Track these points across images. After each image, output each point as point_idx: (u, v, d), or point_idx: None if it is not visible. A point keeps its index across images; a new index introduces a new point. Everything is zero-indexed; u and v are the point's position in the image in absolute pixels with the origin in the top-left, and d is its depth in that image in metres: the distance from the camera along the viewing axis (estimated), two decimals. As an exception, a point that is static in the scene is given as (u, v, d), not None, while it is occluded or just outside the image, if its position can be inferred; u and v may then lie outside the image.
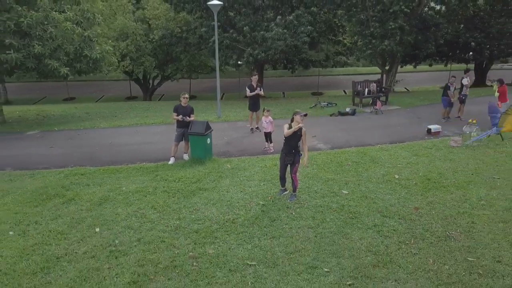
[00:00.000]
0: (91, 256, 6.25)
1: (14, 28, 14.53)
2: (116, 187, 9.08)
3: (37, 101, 35.58)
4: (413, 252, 6.15)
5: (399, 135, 13.63)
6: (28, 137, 15.00)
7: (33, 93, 37.94)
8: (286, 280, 5.52)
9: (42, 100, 36.27)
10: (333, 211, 7.56)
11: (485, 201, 7.90)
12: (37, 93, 38.28)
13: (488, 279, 5.47)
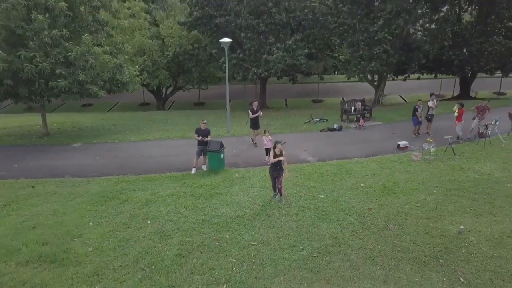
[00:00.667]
0: (148, 239, 9.44)
1: (62, 60, 17.78)
2: (155, 191, 12.28)
3: (57, 108, 38.88)
4: (360, 238, 9.28)
5: (374, 149, 16.74)
6: (73, 149, 18.28)
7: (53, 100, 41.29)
8: (275, 253, 8.67)
9: (62, 106, 39.53)
10: (311, 210, 10.70)
11: (420, 204, 11.01)
12: (55, 100, 41.64)
13: (403, 254, 8.58)
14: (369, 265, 8.23)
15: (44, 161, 16.51)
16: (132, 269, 8.23)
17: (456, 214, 10.32)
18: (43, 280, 7.92)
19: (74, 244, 9.25)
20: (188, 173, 14.07)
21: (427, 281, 7.65)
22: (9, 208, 11.56)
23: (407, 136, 18.35)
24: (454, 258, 8.35)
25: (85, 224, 10.24)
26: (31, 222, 10.42)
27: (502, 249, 8.66)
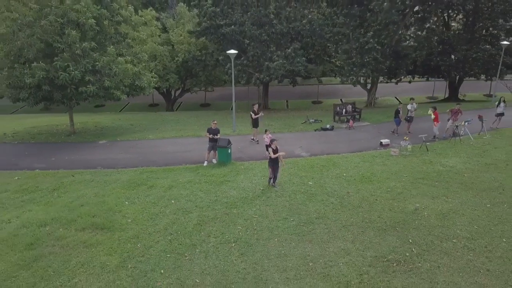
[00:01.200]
0: (173, 213, 12.03)
1: (91, 68, 20.39)
2: (175, 179, 14.87)
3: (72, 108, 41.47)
4: (337, 213, 11.82)
5: (359, 146, 19.28)
6: (100, 145, 20.92)
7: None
8: (271, 223, 11.22)
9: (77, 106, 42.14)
10: (301, 193, 13.25)
11: (389, 189, 13.53)
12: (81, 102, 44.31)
13: (370, 224, 11.11)
14: (342, 231, 10.77)
15: (76, 156, 19.15)
16: (163, 234, 10.82)
17: (417, 197, 12.84)
18: (97, 241, 10.53)
19: (116, 216, 11.86)
20: (201, 165, 16.66)
21: (384, 242, 10.19)
22: (58, 191, 14.18)
23: (390, 135, 20.90)
24: (407, 227, 10.89)
25: (122, 203, 12.84)
26: (79, 202, 13.04)
27: (446, 221, 11.18)
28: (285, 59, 28.00)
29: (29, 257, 9.85)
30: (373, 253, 9.69)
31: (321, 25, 29.25)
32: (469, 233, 10.55)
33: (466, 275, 8.79)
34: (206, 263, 9.44)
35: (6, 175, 16.54)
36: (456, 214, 11.64)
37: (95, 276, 9.06)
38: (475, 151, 17.78)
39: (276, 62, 27.28)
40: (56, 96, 20.54)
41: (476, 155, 17.18)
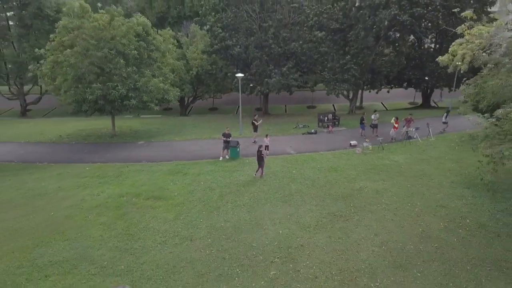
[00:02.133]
0: (203, 190, 18.12)
1: (133, 87, 26.51)
2: (201, 169, 20.98)
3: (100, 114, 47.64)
4: (309, 190, 17.84)
5: (334, 146, 25.33)
6: (140, 145, 27.07)
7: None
8: (266, 195, 17.28)
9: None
10: (287, 178, 19.31)
11: (347, 176, 19.54)
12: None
13: (328, 196, 17.16)
14: (310, 200, 16.82)
15: (124, 153, 25.31)
16: (198, 202, 16.91)
17: (364, 180, 18.87)
18: (158, 205, 16.62)
19: (166, 192, 17.97)
20: (217, 160, 22.77)
21: (335, 205, 16.19)
22: (121, 177, 20.31)
23: (359, 138, 26.94)
24: (352, 198, 16.94)
25: (168, 184, 18.96)
26: (139, 183, 19.17)
27: (378, 195, 17.19)
28: (281, 75, 34.09)
29: (119, 214, 15.98)
30: (327, 211, 15.75)
31: (310, 48, 35.28)
32: (389, 201, 16.58)
33: (379, 222, 14.82)
34: (226, 216, 15.53)
35: (78, 166, 22.73)
36: (386, 191, 17.68)
37: (161, 223, 15.16)
38: (417, 150, 23.81)
39: (274, 79, 33.41)
40: (107, 108, 26.71)
41: (416, 153, 23.21)
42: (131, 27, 26.21)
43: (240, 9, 36.12)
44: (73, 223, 15.33)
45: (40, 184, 19.85)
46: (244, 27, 35.96)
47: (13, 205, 17.39)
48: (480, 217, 14.97)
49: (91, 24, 25.33)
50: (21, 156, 25.72)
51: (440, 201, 16.44)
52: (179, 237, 14.07)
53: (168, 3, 61.40)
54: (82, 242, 13.86)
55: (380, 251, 12.86)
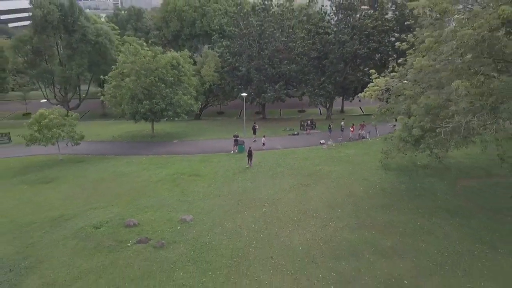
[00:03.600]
0: (223, 171, 28.37)
1: (169, 102, 36.67)
2: (220, 158, 31.22)
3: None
4: (288, 171, 28.02)
5: (309, 144, 35.51)
6: (174, 143, 37.32)
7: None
8: (261, 174, 27.50)
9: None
10: (275, 164, 29.46)
11: (312, 162, 29.73)
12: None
13: (297, 174, 27.42)
14: (288, 176, 26.92)
15: (165, 148, 35.56)
16: (221, 177, 27.07)
17: (323, 165, 29.03)
18: (196, 179, 26.83)
19: (200, 172, 28.16)
20: (229, 153, 33.04)
21: (302, 179, 26.23)
22: (169, 164, 30.53)
23: (327, 138, 37.17)
24: (313, 175, 27.10)
25: (200, 167, 29.21)
26: (182, 168, 29.41)
27: (330, 173, 27.34)
28: (274, 91, 44.34)
29: (175, 184, 26.21)
30: (297, 182, 25.88)
31: (296, 70, 45.44)
32: (335, 177, 26.78)
33: (325, 188, 24.97)
34: (238, 184, 25.73)
35: (137, 157, 33.01)
36: (335, 171, 27.87)
37: (201, 188, 25.34)
38: (364, 146, 34.06)
39: (269, 94, 43.70)
40: (151, 117, 36.93)
41: (363, 149, 33.44)
42: (168, 61, 36.43)
43: (244, 39, 46.21)
44: (149, 189, 25.65)
45: (118, 169, 30.15)
46: (246, 53, 46.09)
47: (108, 181, 27.69)
48: (384, 184, 25.19)
49: (141, 59, 35.54)
50: (93, 151, 35.99)
51: (366, 177, 26.63)
52: (212, 194, 24.35)
53: (182, 23, 71.19)
54: (158, 198, 24.15)
55: (322, 201, 23.08)
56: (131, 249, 18.22)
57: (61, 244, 18.90)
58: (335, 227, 19.96)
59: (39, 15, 52.68)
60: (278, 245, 18.28)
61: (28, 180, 28.41)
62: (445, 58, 20.44)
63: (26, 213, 22.64)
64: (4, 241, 19.46)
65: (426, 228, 19.69)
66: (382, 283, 15.58)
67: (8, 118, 67.89)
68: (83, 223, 20.79)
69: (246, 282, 15.72)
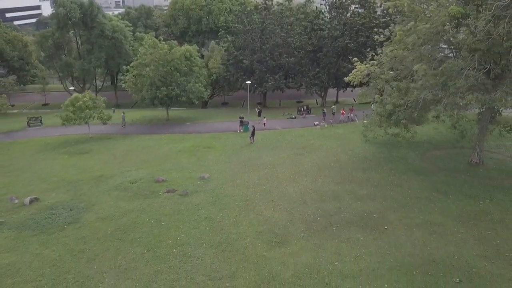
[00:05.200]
0: (231, 145, 32.82)
1: (183, 89, 41.08)
2: (228, 136, 35.62)
3: (134, 105, 62.33)
4: (286, 145, 32.45)
5: (305, 124, 39.91)
6: (187, 125, 41.75)
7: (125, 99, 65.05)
8: (265, 147, 31.96)
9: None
10: (275, 140, 33.83)
11: (306, 139, 34.11)
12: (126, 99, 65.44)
13: (292, 147, 31.90)
14: (284, 149, 31.29)
15: (180, 129, 40.01)
16: (229, 150, 31.50)
17: (315, 140, 33.38)
18: (209, 151, 31.29)
19: (212, 145, 32.56)
20: (236, 132, 37.49)
21: (296, 150, 30.73)
22: (185, 140, 34.97)
23: (320, 120, 41.57)
24: (306, 148, 31.51)
25: (212, 142, 33.62)
26: (196, 142, 33.78)
27: (320, 147, 31.74)
28: (274, 81, 48.75)
29: (192, 153, 30.61)
30: (293, 152, 30.26)
31: (294, 62, 49.79)
32: (325, 149, 31.18)
33: (316, 157, 29.40)
34: (244, 155, 30.07)
35: (157, 136, 37.45)
36: (325, 145, 32.22)
37: (213, 157, 29.67)
38: (352, 127, 38.47)
39: (270, 83, 48.13)
40: (168, 102, 41.38)
41: (351, 128, 37.86)
42: (183, 53, 40.83)
43: (247, 35, 50.56)
44: (171, 157, 30.12)
45: (142, 143, 34.61)
46: (249, 47, 50.44)
47: (135, 151, 32.15)
48: (366, 154, 29.61)
49: (159, 51, 39.93)
50: (117, 131, 40.43)
51: (351, 148, 31.01)
52: (223, 161, 28.81)
53: (189, 21, 75.26)
54: (179, 163, 28.60)
55: (313, 166, 27.45)
56: (162, 197, 22.70)
57: (106, 194, 23.38)
58: (323, 182, 24.40)
59: (62, 13, 56.91)
60: (277, 193, 22.75)
61: (68, 152, 32.89)
62: (410, 47, 24.88)
63: (72, 174, 27.14)
64: (61, 192, 23.97)
65: (395, 183, 24.12)
66: (357, 216, 20.00)
67: (29, 108, 72.26)
68: (121, 180, 25.27)
69: (253, 216, 20.17)
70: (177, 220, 19.86)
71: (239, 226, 19.12)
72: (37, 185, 25.60)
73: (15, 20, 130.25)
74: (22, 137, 40.83)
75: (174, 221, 19.79)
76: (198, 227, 19.16)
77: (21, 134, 41.53)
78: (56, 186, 24.97)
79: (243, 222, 19.44)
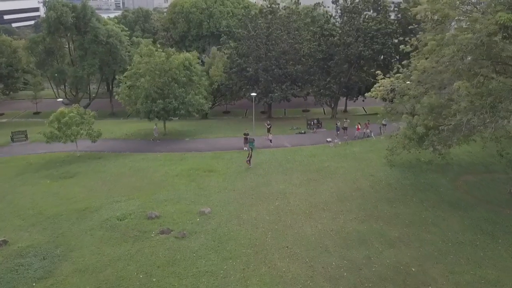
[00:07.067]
0: (235, 167, 29.31)
1: (182, 102, 37.68)
2: (232, 155, 32.14)
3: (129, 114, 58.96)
4: (297, 166, 28.98)
5: (316, 142, 36.49)
6: (186, 141, 38.34)
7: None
8: (271, 170, 28.57)
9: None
10: (284, 161, 30.35)
11: (320, 159, 30.67)
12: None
13: (306, 169, 28.42)
14: (298, 172, 27.93)
15: (178, 146, 36.60)
16: (234, 173, 27.99)
17: (331, 162, 29.97)
18: (211, 174, 27.87)
19: (214, 168, 29.15)
20: (241, 150, 34.03)
21: (310, 175, 27.27)
22: (183, 160, 31.54)
23: (333, 136, 38.12)
24: (321, 171, 27.97)
25: (214, 164, 30.22)
26: (197, 163, 30.38)
27: (337, 170, 28.35)
28: (281, 91, 45.33)
29: (191, 179, 27.17)
30: (306, 177, 26.65)
31: (302, 71, 46.38)
32: (342, 173, 27.65)
33: (334, 183, 25.89)
34: (251, 180, 26.52)
35: (152, 155, 34.03)
36: (342, 167, 28.70)
37: (215, 183, 26.28)
38: (369, 144, 35.01)
39: (276, 94, 44.71)
40: (165, 115, 37.96)
41: (368, 146, 34.41)
42: (181, 62, 37.46)
43: (251, 41, 47.14)
44: (167, 183, 26.68)
45: (135, 164, 31.20)
46: (254, 54, 47.03)
47: (127, 176, 28.73)
48: (390, 180, 26.13)
49: (156, 60, 36.56)
50: (109, 148, 36.96)
51: (372, 172, 27.57)
52: (227, 189, 25.36)
53: (189, 25, 72.07)
54: (176, 192, 25.16)
55: (331, 195, 24.05)
56: (155, 239, 19.25)
57: (89, 234, 19.92)
58: (345, 219, 20.95)
59: (53, 17, 53.68)
60: (293, 235, 19.28)
61: (51, 175, 29.46)
62: (446, 60, 21.45)
63: (52, 206, 23.68)
64: (35, 231, 20.52)
65: (430, 220, 20.69)
66: (391, 270, 16.57)
67: (19, 117, 68.91)
68: (107, 215, 21.82)
69: (265, 269, 16.71)
70: (172, 274, 16.47)
71: (248, 284, 15.69)
72: (10, 220, 22.22)
73: (14, 22, 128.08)
74: (5, 154, 37.48)
75: (167, 275, 16.40)
76: (197, 285, 15.74)
77: (3, 151, 38.16)
78: (32, 223, 21.53)
79: (253, 279, 16.04)
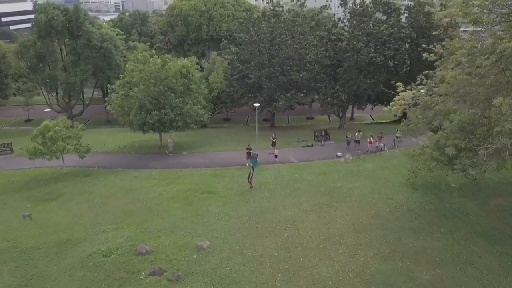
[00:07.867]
0: (238, 187, 26.67)
1: (179, 113, 35.05)
2: (234, 173, 29.52)
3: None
4: (305, 186, 26.34)
5: (324, 156, 33.81)
6: (184, 155, 35.68)
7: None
8: (277, 192, 25.89)
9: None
10: (291, 180, 27.71)
11: (331, 179, 28.00)
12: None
13: (316, 190, 25.75)
14: (308, 194, 25.30)
15: (174, 161, 33.94)
16: (236, 195, 25.40)
17: (343, 181, 27.33)
18: (210, 197, 25.21)
19: (214, 188, 26.49)
20: (244, 166, 31.35)
21: (322, 198, 24.65)
22: (180, 179, 28.89)
23: (344, 150, 35.45)
24: (334, 193, 25.35)
25: (214, 183, 27.55)
26: (195, 183, 27.71)
27: (351, 192, 25.68)
28: (285, 100, 42.69)
29: (188, 202, 24.54)
30: (317, 201, 24.05)
31: (308, 78, 43.76)
32: (357, 195, 24.95)
33: (349, 208, 23.24)
34: (255, 204, 23.91)
35: (145, 171, 31.39)
36: (356, 188, 26.05)
37: (216, 208, 23.68)
38: (383, 160, 32.34)
39: (280, 103, 42.09)
40: (160, 128, 35.33)
41: (382, 162, 31.74)
42: (178, 69, 34.86)
43: (254, 46, 44.56)
44: (161, 208, 24.00)
45: (127, 184, 28.52)
46: (256, 60, 44.44)
47: (117, 197, 26.05)
48: (411, 204, 23.49)
49: (151, 67, 33.97)
50: (100, 163, 34.32)
51: (390, 195, 24.92)
52: (228, 216, 22.70)
53: (188, 28, 69.65)
54: (171, 219, 22.49)
55: (347, 224, 21.41)
56: (144, 282, 16.65)
57: (68, 275, 17.32)
58: (365, 255, 18.32)
59: (43, 20, 51.21)
60: (306, 278, 16.63)
61: (33, 197, 26.80)
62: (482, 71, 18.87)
63: (30, 236, 21.03)
64: (6, 271, 17.89)
65: (464, 258, 18.06)
66: (426, 326, 13.92)
67: (10, 125, 66.37)
68: (91, 249, 19.19)
69: (275, 324, 14.07)
70: (163, 332, 13.73)
71: None
72: (-21, 255, 19.48)
73: (12, 25, 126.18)
74: (-13, 169, 34.79)
75: (158, 334, 13.67)
76: None
77: (-15, 166, 35.49)
78: (4, 259, 18.93)
79: None
